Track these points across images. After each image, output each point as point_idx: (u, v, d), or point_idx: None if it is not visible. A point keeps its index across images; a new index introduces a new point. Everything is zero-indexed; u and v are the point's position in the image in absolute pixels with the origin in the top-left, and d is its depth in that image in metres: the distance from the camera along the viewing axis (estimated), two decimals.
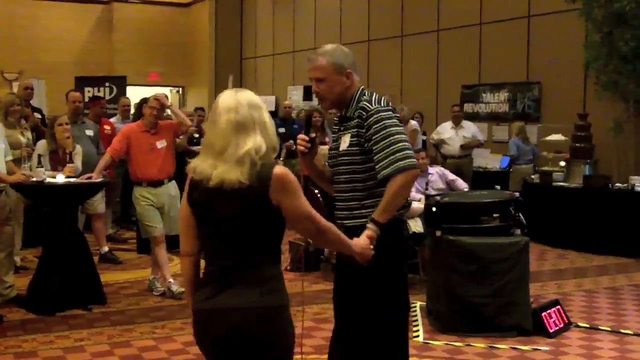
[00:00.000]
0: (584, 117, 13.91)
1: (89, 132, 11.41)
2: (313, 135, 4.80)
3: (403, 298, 4.78)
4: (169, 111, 9.77)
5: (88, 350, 7.27)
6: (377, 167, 4.54)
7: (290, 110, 16.17)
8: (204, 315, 3.77)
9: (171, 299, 9.15)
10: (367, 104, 4.63)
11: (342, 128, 4.82)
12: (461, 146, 15.21)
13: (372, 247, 4.35)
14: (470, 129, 15.54)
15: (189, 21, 30.45)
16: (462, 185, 10.53)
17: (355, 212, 4.62)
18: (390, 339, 4.69)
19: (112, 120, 13.59)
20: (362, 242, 4.30)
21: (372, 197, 4.61)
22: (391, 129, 4.55)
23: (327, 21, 23.92)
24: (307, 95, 23.67)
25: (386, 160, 4.50)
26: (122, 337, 7.70)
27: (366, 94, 4.74)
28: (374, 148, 4.56)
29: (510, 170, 15.70)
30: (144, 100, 9.73)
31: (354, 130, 4.68)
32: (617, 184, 12.96)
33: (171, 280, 9.34)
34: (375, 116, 4.57)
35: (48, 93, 21.39)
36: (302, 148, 4.75)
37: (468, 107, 18.22)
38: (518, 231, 8.16)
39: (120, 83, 20.33)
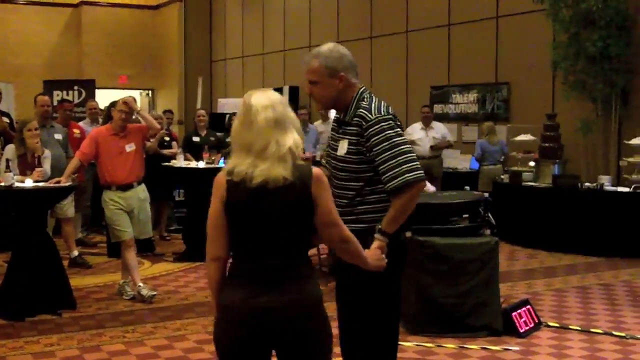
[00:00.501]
0: (552, 117, 13.99)
1: (58, 136, 11.36)
2: None
3: (396, 303, 4.79)
4: (137, 115, 9.72)
5: (58, 355, 7.22)
6: (383, 178, 4.49)
7: None
8: (257, 313, 3.70)
9: (141, 303, 9.12)
10: (366, 113, 4.55)
11: (340, 131, 4.75)
12: (431, 147, 15.22)
13: (384, 257, 4.32)
14: (439, 129, 15.57)
15: (158, 24, 30.36)
16: (431, 188, 10.55)
17: (347, 217, 4.48)
18: (381, 342, 4.68)
19: (81, 123, 13.53)
20: (374, 254, 4.26)
21: (363, 204, 4.58)
22: (395, 139, 4.49)
23: (296, 23, 23.92)
24: None
25: (393, 172, 4.45)
26: (92, 341, 7.66)
27: (366, 99, 4.66)
28: (377, 159, 4.50)
29: (478, 170, 15.77)
30: (113, 104, 9.70)
31: (353, 137, 4.61)
32: (586, 184, 13.03)
33: (141, 284, 9.31)
34: (376, 127, 4.50)
35: (16, 97, 21.23)
36: None
37: (437, 108, 18.28)
38: (488, 231, 8.18)
39: (89, 86, 20.27)
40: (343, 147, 4.66)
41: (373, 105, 4.60)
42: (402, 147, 4.48)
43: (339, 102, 4.73)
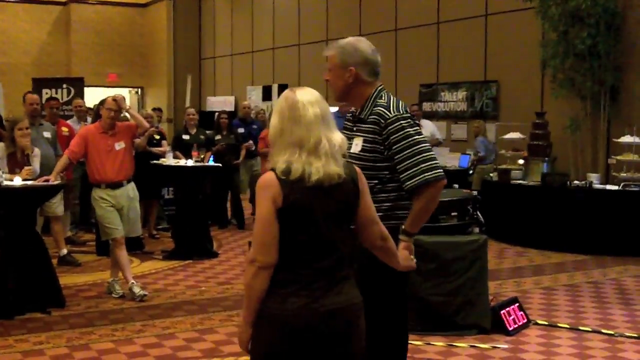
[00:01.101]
0: (541, 115, 14.03)
1: (47, 134, 11.33)
2: None
3: (404, 302, 4.74)
4: (127, 114, 9.71)
5: (47, 354, 7.21)
6: (402, 176, 4.46)
7: (249, 110, 16.13)
8: (324, 317, 3.58)
9: (131, 302, 9.11)
10: (385, 111, 4.52)
11: (354, 128, 4.71)
12: None
13: (412, 257, 4.35)
14: (428, 127, 15.58)
15: (147, 22, 30.34)
16: None
17: None
18: (390, 341, 4.65)
19: (68, 122, 13.49)
20: (402, 255, 4.24)
21: (375, 203, 4.30)
22: (414, 137, 4.46)
23: (285, 21, 23.93)
24: (266, 95, 23.68)
25: (412, 171, 4.43)
26: (81, 340, 7.64)
27: (384, 97, 4.62)
28: (396, 157, 4.47)
29: (473, 170, 15.75)
30: (102, 102, 9.68)
31: (368, 135, 4.57)
32: (575, 182, 13.06)
33: (134, 281, 9.30)
34: (396, 124, 4.47)
35: (5, 95, 21.21)
36: None
37: (426, 106, 18.31)
38: (476, 229, 8.20)
39: (78, 84, 20.21)
40: (358, 144, 4.62)
41: (392, 103, 4.57)
42: (421, 145, 4.46)
43: (351, 96, 4.71)
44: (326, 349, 3.63)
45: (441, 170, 4.47)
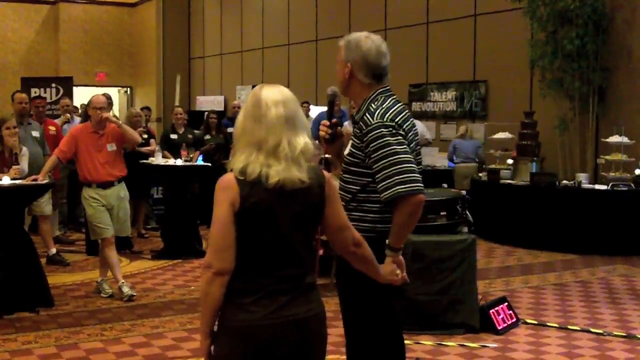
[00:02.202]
0: (530, 115, 14.07)
1: (35, 134, 11.31)
2: (335, 120, 4.56)
3: (392, 310, 4.53)
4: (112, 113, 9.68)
5: (35, 353, 7.19)
6: (378, 187, 4.22)
7: (239, 110, 16.09)
8: (292, 326, 3.45)
9: (119, 301, 9.10)
10: (369, 118, 4.30)
11: (353, 129, 4.52)
12: None
13: (398, 272, 4.19)
14: (418, 127, 15.41)
15: (136, 21, 30.30)
16: None
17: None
18: (385, 344, 4.49)
19: (57, 121, 13.47)
20: (388, 268, 4.13)
21: (358, 211, 4.32)
22: (393, 147, 4.20)
23: (274, 20, 23.93)
24: None
25: (385, 183, 4.17)
26: (69, 339, 7.63)
27: (377, 101, 4.39)
28: (374, 167, 4.23)
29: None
30: (89, 103, 9.67)
31: (356, 140, 4.38)
32: (563, 181, 13.11)
33: (123, 281, 9.29)
34: (376, 132, 4.23)
35: None
36: (323, 134, 4.53)
37: (416, 106, 18.33)
38: (465, 229, 8.22)
39: (67, 84, 20.14)
40: (348, 147, 4.48)
41: (380, 109, 4.32)
42: (400, 156, 4.19)
43: (350, 93, 4.55)
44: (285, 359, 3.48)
45: (418, 185, 4.20)
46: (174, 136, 13.68)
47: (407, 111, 4.50)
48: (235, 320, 3.42)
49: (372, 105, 4.38)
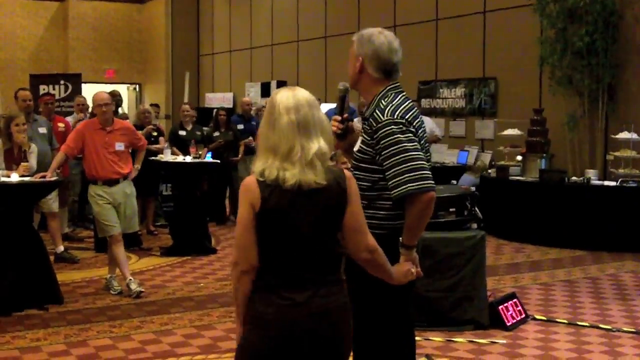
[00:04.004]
0: (539, 112, 14.04)
1: (42, 130, 11.33)
2: (346, 115, 4.57)
3: (405, 309, 4.51)
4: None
5: (44, 350, 7.21)
6: (388, 184, 4.22)
7: (249, 107, 16.11)
8: (303, 321, 3.53)
9: (128, 298, 9.11)
10: (379, 114, 4.28)
11: (363, 126, 4.50)
12: None
13: (413, 271, 4.20)
14: (428, 124, 15.42)
15: (145, 18, 30.28)
16: None
17: None
18: (394, 344, 4.48)
19: (68, 118, 13.49)
20: (402, 268, 4.16)
21: (369, 208, 4.24)
22: (404, 144, 4.19)
23: (284, 17, 23.89)
24: (265, 92, 23.66)
25: (396, 180, 4.17)
26: (78, 336, 7.65)
27: (388, 98, 4.38)
28: (384, 164, 4.23)
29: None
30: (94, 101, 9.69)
31: (366, 136, 4.37)
32: (572, 178, 13.09)
33: (131, 278, 9.31)
34: (386, 129, 4.23)
35: (2, 91, 21.20)
36: (334, 129, 4.50)
37: (425, 103, 18.29)
38: (474, 225, 8.21)
39: (76, 81, 20.12)
40: (358, 144, 4.47)
41: (390, 106, 4.31)
42: (410, 153, 4.19)
43: (360, 88, 4.55)
44: (312, 352, 3.59)
45: (429, 182, 4.19)
46: (182, 133, 13.69)
47: (416, 108, 4.47)
48: (261, 312, 3.56)
49: (382, 101, 4.37)
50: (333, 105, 15.03)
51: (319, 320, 3.56)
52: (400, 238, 4.28)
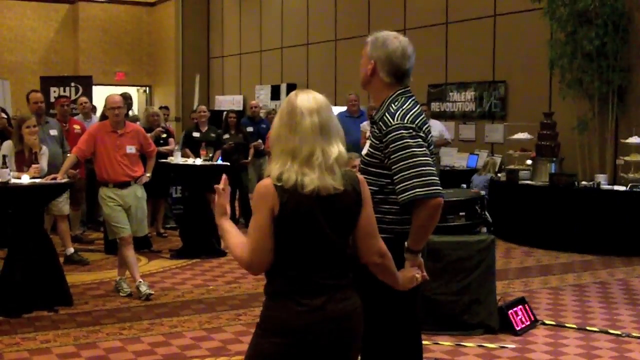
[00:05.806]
0: (549, 115, 14.03)
1: (53, 132, 11.34)
2: None
3: (412, 312, 4.52)
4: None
5: (54, 352, 7.22)
6: (396, 189, 4.23)
7: (258, 109, 16.13)
8: (318, 326, 3.51)
9: (138, 300, 9.12)
10: (389, 118, 4.29)
11: (372, 130, 4.50)
12: None
13: (418, 277, 4.19)
14: (437, 127, 15.52)
15: (155, 20, 30.34)
16: None
17: None
18: (401, 347, 4.48)
19: (75, 119, 13.53)
20: (407, 274, 4.14)
21: (376, 213, 4.02)
22: (413, 149, 4.20)
23: (294, 20, 23.90)
24: (275, 94, 23.68)
25: (404, 185, 4.18)
26: (88, 338, 7.66)
27: (398, 102, 4.38)
28: (392, 168, 4.23)
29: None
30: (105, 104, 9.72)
31: (375, 140, 4.38)
32: (582, 182, 13.07)
33: (141, 280, 9.31)
34: (395, 134, 4.24)
35: (13, 93, 21.23)
36: None
37: (435, 106, 18.27)
38: (484, 229, 8.19)
39: (86, 83, 20.20)
40: (366, 147, 4.48)
41: (400, 111, 4.32)
42: (419, 158, 4.20)
43: (371, 90, 4.58)
44: (325, 355, 3.57)
45: (437, 188, 4.21)
46: (196, 134, 13.70)
47: (424, 114, 4.48)
48: (277, 317, 3.54)
49: (392, 105, 4.38)
50: (343, 109, 15.07)
51: (335, 324, 3.55)
52: (406, 243, 4.29)
